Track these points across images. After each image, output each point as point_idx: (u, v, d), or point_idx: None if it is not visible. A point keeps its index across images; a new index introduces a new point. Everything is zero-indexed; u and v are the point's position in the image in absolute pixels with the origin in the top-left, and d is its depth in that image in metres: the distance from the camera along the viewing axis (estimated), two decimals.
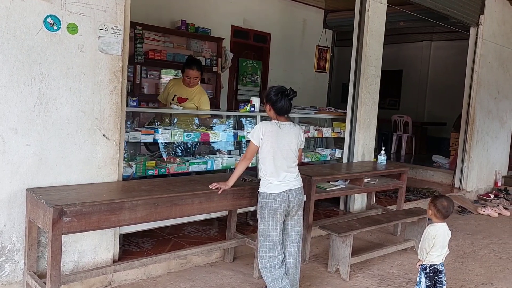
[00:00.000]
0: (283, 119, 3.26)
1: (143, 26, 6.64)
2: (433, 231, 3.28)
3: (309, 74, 9.19)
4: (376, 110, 5.69)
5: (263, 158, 3.22)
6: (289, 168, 3.25)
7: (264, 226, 3.23)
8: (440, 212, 3.32)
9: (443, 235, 3.34)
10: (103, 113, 3.34)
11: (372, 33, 5.44)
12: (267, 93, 3.24)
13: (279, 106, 3.18)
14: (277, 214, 3.20)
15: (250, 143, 3.26)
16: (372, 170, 5.10)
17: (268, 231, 3.22)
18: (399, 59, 12.04)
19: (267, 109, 3.26)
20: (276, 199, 3.18)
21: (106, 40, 3.30)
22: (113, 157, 3.43)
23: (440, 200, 3.38)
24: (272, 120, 3.24)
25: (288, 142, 3.23)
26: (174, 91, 4.77)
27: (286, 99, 3.18)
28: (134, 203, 3.01)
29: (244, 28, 8.19)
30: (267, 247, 3.24)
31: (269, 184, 3.20)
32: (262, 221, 3.23)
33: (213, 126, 4.66)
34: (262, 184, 3.25)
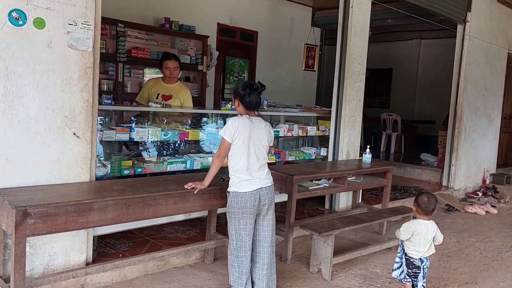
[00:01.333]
0: (253, 114, 3.18)
1: (126, 23, 6.53)
2: (414, 225, 3.30)
3: (297, 72, 9.11)
4: (361, 108, 5.62)
5: (234, 154, 3.12)
6: (260, 166, 3.17)
7: (235, 225, 3.14)
8: (420, 208, 3.32)
9: (424, 232, 3.31)
10: (73, 111, 3.24)
11: (356, 30, 5.37)
12: (235, 88, 3.17)
13: (247, 101, 3.10)
14: (247, 213, 3.11)
15: (222, 140, 3.14)
16: (356, 168, 5.02)
17: (239, 230, 3.14)
18: (388, 57, 11.99)
19: (236, 105, 3.19)
20: (247, 198, 3.09)
21: (76, 36, 3.20)
22: (85, 157, 3.32)
23: (421, 196, 3.38)
24: (243, 115, 3.15)
25: (260, 138, 3.15)
26: (157, 90, 4.69)
27: (255, 93, 3.10)
28: (104, 203, 2.91)
29: (230, 26, 8.10)
30: (237, 246, 3.16)
31: (239, 182, 3.11)
32: (232, 221, 3.15)
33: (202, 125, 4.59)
34: (232, 182, 3.16)
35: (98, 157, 3.65)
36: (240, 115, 3.18)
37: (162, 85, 4.70)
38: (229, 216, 3.19)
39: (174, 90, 4.64)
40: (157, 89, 4.69)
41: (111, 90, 6.56)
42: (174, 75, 4.67)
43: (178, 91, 4.64)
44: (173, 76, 4.66)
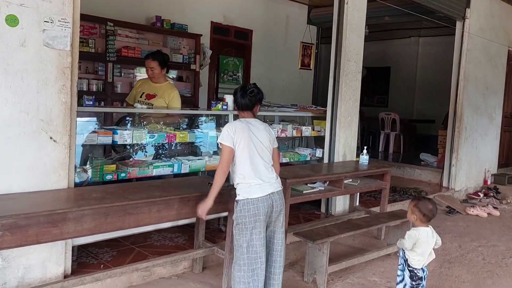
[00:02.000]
0: (247, 115, 3.04)
1: (115, 22, 6.33)
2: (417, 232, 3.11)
3: (293, 71, 8.92)
4: (358, 108, 5.42)
5: (238, 159, 2.92)
6: (267, 168, 2.97)
7: (246, 237, 2.88)
8: (425, 216, 3.11)
9: (426, 241, 3.12)
10: (50, 114, 3.04)
11: (352, 27, 5.17)
12: (233, 93, 3.13)
13: (240, 101, 3.02)
14: (261, 221, 2.89)
15: (222, 147, 2.92)
16: (353, 170, 4.82)
17: (252, 241, 2.88)
18: (386, 55, 11.81)
19: (235, 108, 3.17)
20: (260, 204, 2.87)
21: (52, 34, 3.00)
22: (63, 162, 3.12)
23: (424, 202, 3.16)
24: (242, 118, 3.05)
25: (261, 139, 2.98)
26: (142, 89, 4.51)
27: (246, 94, 3.00)
28: (80, 213, 2.71)
29: (224, 24, 7.90)
30: (250, 259, 2.90)
31: (249, 188, 2.89)
32: (243, 232, 2.88)
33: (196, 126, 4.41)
34: (240, 190, 2.93)
35: (80, 162, 3.46)
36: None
37: (149, 84, 4.53)
38: (238, 228, 2.91)
39: (160, 90, 4.45)
40: (144, 88, 4.51)
41: (101, 91, 6.36)
42: (153, 75, 4.46)
43: (164, 91, 4.43)
44: (153, 76, 4.46)
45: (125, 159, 4.02)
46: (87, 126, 3.63)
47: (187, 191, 3.30)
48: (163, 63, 4.49)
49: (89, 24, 6.28)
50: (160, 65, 4.45)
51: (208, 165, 4.24)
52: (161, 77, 4.51)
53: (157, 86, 4.47)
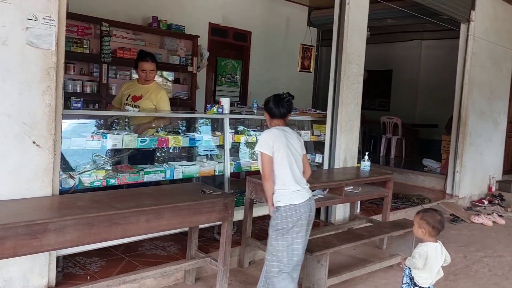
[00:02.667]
0: (281, 123, 3.07)
1: (111, 22, 6.17)
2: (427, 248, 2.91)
3: (292, 74, 8.76)
4: (359, 112, 5.24)
5: (278, 167, 2.93)
6: (302, 175, 3.04)
7: (287, 241, 2.90)
8: (434, 229, 2.92)
9: (435, 257, 2.93)
10: (34, 117, 2.87)
11: (353, 28, 5.00)
12: (265, 101, 3.11)
13: (276, 110, 3.03)
14: (304, 225, 2.94)
15: (261, 156, 2.92)
16: (354, 177, 4.64)
17: (292, 245, 2.92)
18: (388, 58, 11.66)
19: (266, 117, 3.11)
20: (302, 210, 2.92)
21: (36, 32, 2.83)
22: (46, 168, 2.95)
23: (431, 214, 2.98)
24: (276, 126, 3.05)
25: (295, 147, 3.03)
26: (129, 92, 4.32)
27: (282, 102, 3.03)
28: (62, 224, 2.53)
29: (223, 25, 7.73)
30: (291, 262, 2.93)
31: (290, 194, 2.92)
32: (284, 236, 2.90)
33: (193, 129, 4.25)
34: (281, 197, 2.94)
35: (63, 168, 3.28)
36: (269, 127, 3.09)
37: (136, 86, 4.36)
38: (278, 233, 2.91)
39: (147, 91, 4.26)
40: (130, 90, 4.33)
41: (95, 92, 6.20)
42: (150, 78, 4.29)
43: (151, 92, 4.25)
44: (149, 78, 4.29)
45: (115, 164, 3.84)
46: (75, 129, 3.44)
47: (179, 199, 3.12)
48: (157, 66, 4.37)
49: (83, 24, 6.14)
50: (156, 66, 4.33)
51: (202, 170, 4.06)
52: (152, 79, 4.34)
53: (143, 87, 4.29)
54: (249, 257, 4.13)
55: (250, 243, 4.05)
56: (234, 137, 4.33)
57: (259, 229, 4.69)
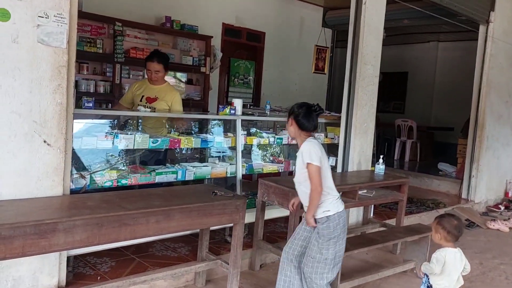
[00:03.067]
0: (310, 134, 3.04)
1: (124, 22, 6.17)
2: (444, 253, 2.87)
3: (306, 75, 8.68)
4: (374, 114, 5.15)
5: (324, 177, 2.93)
6: None
7: (335, 248, 2.94)
8: (450, 234, 2.88)
9: (453, 263, 2.88)
10: (44, 116, 2.84)
11: (369, 28, 4.91)
12: (293, 111, 3.05)
13: (309, 124, 2.98)
14: (345, 231, 3.02)
15: (312, 167, 2.87)
16: (368, 181, 4.55)
17: (340, 251, 2.99)
18: (404, 60, 11.50)
19: (293, 127, 3.02)
20: (345, 216, 3.01)
21: (47, 30, 2.80)
22: (57, 167, 2.92)
23: (448, 219, 2.95)
24: (310, 137, 3.01)
25: (327, 157, 3.08)
26: (142, 92, 4.29)
27: (314, 116, 3.02)
28: (71, 224, 2.50)
29: (236, 26, 7.69)
30: (335, 265, 2.99)
31: (336, 201, 2.98)
32: (335, 244, 2.93)
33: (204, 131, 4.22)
34: (330, 205, 2.94)
35: (75, 167, 3.26)
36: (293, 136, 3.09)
37: (148, 87, 4.31)
38: (330, 242, 2.93)
39: (160, 92, 4.23)
40: (143, 91, 4.29)
41: (108, 92, 6.20)
42: (156, 78, 4.25)
43: (165, 93, 4.21)
44: (155, 79, 4.25)
45: (126, 164, 3.81)
46: (87, 129, 3.42)
47: (190, 201, 3.08)
48: (167, 66, 4.30)
49: (97, 24, 6.14)
50: (164, 68, 4.26)
51: (213, 172, 4.01)
52: (163, 79, 4.32)
53: (156, 88, 4.26)
54: (260, 260, 4.07)
55: (262, 246, 3.99)
56: (246, 138, 4.27)
57: (271, 232, 4.63)
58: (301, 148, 2.97)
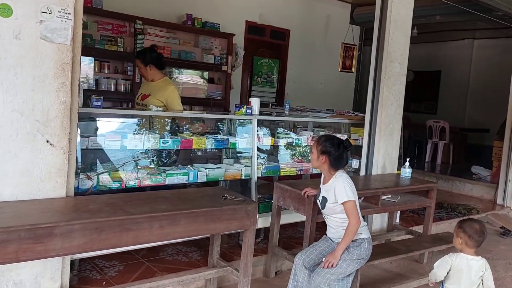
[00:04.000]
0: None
1: (144, 20, 6.10)
2: (451, 259, 2.73)
3: (333, 74, 8.42)
4: (400, 115, 4.87)
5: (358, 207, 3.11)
6: None
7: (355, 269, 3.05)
8: (472, 239, 2.66)
9: (464, 269, 2.67)
10: (47, 115, 2.74)
11: (396, 23, 4.64)
12: (325, 146, 3.05)
13: (339, 163, 3.07)
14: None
15: (350, 204, 2.99)
16: (393, 185, 4.29)
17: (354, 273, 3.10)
18: (437, 59, 11.08)
19: (322, 161, 3.06)
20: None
21: (51, 26, 2.70)
22: (60, 168, 2.82)
23: (469, 222, 2.75)
24: (342, 171, 3.11)
25: None
26: (141, 89, 4.29)
27: (346, 154, 3.10)
28: (69, 228, 2.39)
29: (260, 24, 7.52)
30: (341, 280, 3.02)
31: (366, 228, 3.19)
32: (356, 265, 3.04)
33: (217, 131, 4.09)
34: (363, 230, 3.12)
35: (82, 168, 3.16)
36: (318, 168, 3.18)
37: (146, 84, 4.27)
38: (353, 262, 3.01)
39: (154, 88, 4.09)
40: (143, 89, 4.25)
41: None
42: (142, 74, 4.28)
43: (158, 90, 4.06)
44: (142, 75, 4.27)
45: (136, 165, 3.69)
46: (95, 128, 3.32)
47: (197, 205, 2.93)
48: (145, 60, 4.10)
49: (118, 22, 6.09)
50: (142, 62, 4.09)
51: (227, 174, 3.85)
52: (154, 74, 4.16)
53: (151, 84, 4.16)
54: (275, 267, 3.89)
55: (277, 252, 3.81)
56: (262, 139, 4.10)
57: (288, 237, 4.44)
58: (331, 183, 3.05)
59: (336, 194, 2.99)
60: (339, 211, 3.03)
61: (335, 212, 3.06)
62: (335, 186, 3.00)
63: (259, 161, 4.12)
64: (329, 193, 3.05)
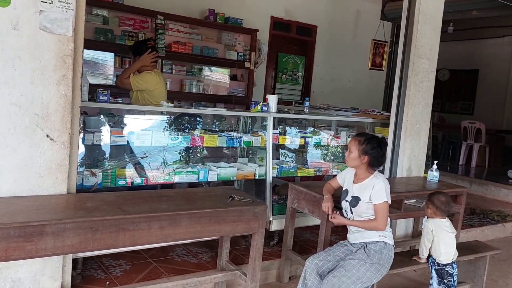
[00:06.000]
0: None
1: (166, 15, 6.01)
2: (430, 224, 3.15)
3: (362, 72, 8.12)
4: (429, 114, 4.57)
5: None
6: None
7: (374, 276, 2.84)
8: (440, 209, 3.13)
9: (444, 230, 3.12)
10: (47, 108, 2.65)
11: (425, 17, 4.34)
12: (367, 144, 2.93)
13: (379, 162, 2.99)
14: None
15: (385, 205, 2.87)
16: (418, 189, 4.02)
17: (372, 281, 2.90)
18: (474, 57, 10.56)
19: (363, 160, 2.93)
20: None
21: (51, 16, 2.61)
22: (61, 164, 2.73)
23: (437, 196, 3.18)
24: (376, 171, 3.00)
25: None
26: None
27: (385, 151, 3.02)
28: (61, 227, 2.28)
29: (285, 19, 7.32)
30: None
31: (391, 234, 3.01)
32: (375, 271, 2.84)
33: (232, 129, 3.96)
34: (386, 233, 2.94)
35: (87, 164, 3.07)
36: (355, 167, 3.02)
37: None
38: (372, 266, 2.83)
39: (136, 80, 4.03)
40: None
41: None
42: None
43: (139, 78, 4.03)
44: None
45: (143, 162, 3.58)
46: (101, 123, 3.22)
47: (201, 205, 2.79)
48: (135, 51, 4.19)
49: (140, 17, 6.03)
50: (133, 54, 4.21)
51: (240, 173, 3.69)
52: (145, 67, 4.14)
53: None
54: (289, 271, 3.70)
55: (291, 256, 3.62)
56: (278, 138, 3.91)
57: (305, 240, 4.24)
58: (368, 182, 2.92)
59: (373, 193, 2.87)
60: (371, 213, 2.90)
61: (366, 213, 2.91)
62: (374, 185, 2.89)
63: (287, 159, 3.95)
64: (364, 192, 2.91)
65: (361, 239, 2.95)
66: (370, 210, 2.91)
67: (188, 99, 6.37)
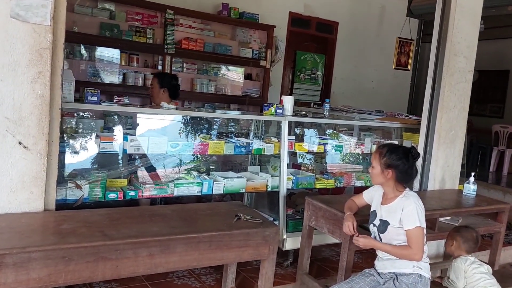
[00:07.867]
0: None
1: (176, 10, 5.61)
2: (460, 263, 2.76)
3: (386, 71, 7.62)
4: (465, 119, 4.06)
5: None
6: None
7: None
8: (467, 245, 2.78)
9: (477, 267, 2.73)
10: (19, 111, 2.26)
11: (462, 9, 3.83)
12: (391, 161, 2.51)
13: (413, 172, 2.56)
14: None
15: (419, 230, 2.44)
16: (453, 206, 3.52)
17: None
18: (505, 57, 9.93)
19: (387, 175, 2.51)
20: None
21: (25, 2, 2.21)
22: (36, 176, 2.33)
23: (466, 229, 2.87)
24: (407, 189, 2.57)
25: None
26: None
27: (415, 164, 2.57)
28: (25, 256, 1.87)
29: (305, 15, 6.85)
30: None
31: (428, 265, 2.61)
32: None
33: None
34: (422, 263, 2.54)
35: (72, 175, 2.66)
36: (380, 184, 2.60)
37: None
38: None
39: None
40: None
41: None
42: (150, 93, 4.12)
43: None
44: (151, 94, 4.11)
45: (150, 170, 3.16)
46: (88, 128, 2.81)
47: (201, 227, 2.36)
48: (163, 83, 3.97)
49: (149, 12, 5.64)
50: (159, 83, 3.96)
51: (249, 185, 3.24)
52: (163, 99, 3.80)
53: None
54: None
55: (307, 281, 3.16)
56: (294, 145, 3.45)
57: (323, 260, 3.77)
58: (397, 204, 2.50)
59: (403, 217, 2.45)
60: (403, 239, 2.48)
61: (397, 240, 2.49)
62: (404, 207, 2.47)
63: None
64: (394, 215, 2.49)
65: (391, 268, 2.50)
66: (402, 236, 2.48)
67: (199, 100, 5.97)
